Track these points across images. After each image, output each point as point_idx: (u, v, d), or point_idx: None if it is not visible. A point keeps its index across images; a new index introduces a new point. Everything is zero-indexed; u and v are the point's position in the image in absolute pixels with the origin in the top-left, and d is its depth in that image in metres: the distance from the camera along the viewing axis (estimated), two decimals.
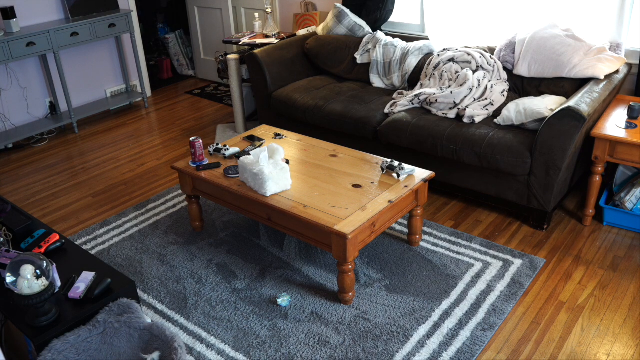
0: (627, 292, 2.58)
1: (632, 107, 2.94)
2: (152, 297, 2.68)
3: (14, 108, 4.61)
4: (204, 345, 2.37)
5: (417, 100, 3.45)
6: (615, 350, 2.26)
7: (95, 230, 3.26)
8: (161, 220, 3.32)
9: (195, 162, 2.94)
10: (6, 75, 4.47)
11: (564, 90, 3.26)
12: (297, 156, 2.99)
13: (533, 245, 2.95)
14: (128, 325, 1.99)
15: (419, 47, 3.86)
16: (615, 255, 2.84)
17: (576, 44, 3.25)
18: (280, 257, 2.92)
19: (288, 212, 2.47)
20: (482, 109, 3.24)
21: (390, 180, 2.67)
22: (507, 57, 3.49)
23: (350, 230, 2.30)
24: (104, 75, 5.19)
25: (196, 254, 2.98)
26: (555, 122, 2.76)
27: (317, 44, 4.20)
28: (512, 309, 2.49)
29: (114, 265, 2.93)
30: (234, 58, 4.29)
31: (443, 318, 2.45)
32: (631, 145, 2.79)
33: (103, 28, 4.72)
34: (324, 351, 2.30)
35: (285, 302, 2.58)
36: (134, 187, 3.79)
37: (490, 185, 3.11)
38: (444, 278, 2.70)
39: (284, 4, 5.00)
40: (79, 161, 4.23)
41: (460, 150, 3.05)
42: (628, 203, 2.97)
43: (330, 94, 3.80)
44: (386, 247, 2.96)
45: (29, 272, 1.84)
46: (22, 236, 2.41)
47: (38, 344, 1.88)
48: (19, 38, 4.16)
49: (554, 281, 2.67)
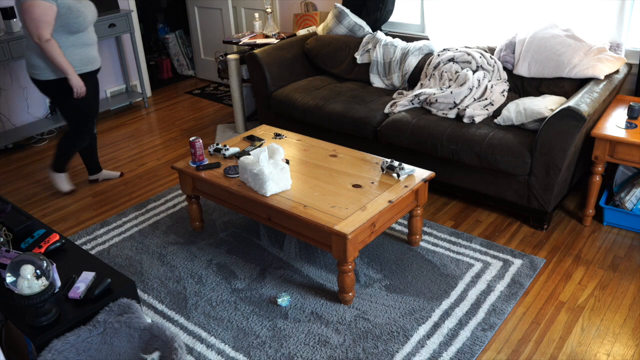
0: (627, 292, 2.58)
1: (632, 107, 2.94)
2: (152, 297, 2.68)
3: (14, 108, 4.61)
4: (204, 345, 2.37)
5: (417, 100, 3.45)
6: (615, 350, 2.26)
7: (95, 230, 3.26)
8: (161, 220, 3.32)
9: (195, 162, 2.94)
10: (6, 75, 4.47)
11: (564, 90, 3.26)
12: (297, 156, 2.99)
13: (533, 245, 2.95)
14: (128, 325, 1.99)
15: (419, 47, 3.86)
16: (615, 255, 2.84)
17: (576, 44, 3.25)
18: (280, 257, 2.92)
19: (288, 212, 2.47)
20: (482, 109, 3.24)
21: (390, 180, 2.67)
22: (507, 57, 3.49)
23: (350, 230, 2.30)
24: (103, 75, 5.19)
25: (196, 254, 2.98)
26: (555, 122, 2.76)
27: (317, 44, 4.20)
28: (512, 309, 2.49)
29: (114, 265, 2.93)
30: (234, 58, 4.29)
31: (443, 318, 2.45)
32: (631, 145, 2.79)
33: (103, 28, 4.72)
34: (324, 351, 2.30)
35: (285, 302, 2.58)
36: (134, 187, 3.79)
37: (490, 185, 3.11)
38: (444, 278, 2.70)
39: (284, 4, 5.00)
40: (79, 161, 4.23)
41: (460, 150, 3.05)
42: (628, 203, 2.97)
43: (330, 94, 3.80)
44: (386, 247, 2.96)
45: (29, 272, 1.84)
46: (22, 236, 2.41)
47: (38, 344, 1.88)
48: (19, 38, 4.16)
49: (554, 281, 2.67)
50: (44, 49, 3.00)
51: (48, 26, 2.93)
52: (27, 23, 2.94)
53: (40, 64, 3.12)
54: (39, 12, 2.88)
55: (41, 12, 2.89)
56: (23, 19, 2.95)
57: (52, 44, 2.97)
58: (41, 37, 2.93)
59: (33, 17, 2.88)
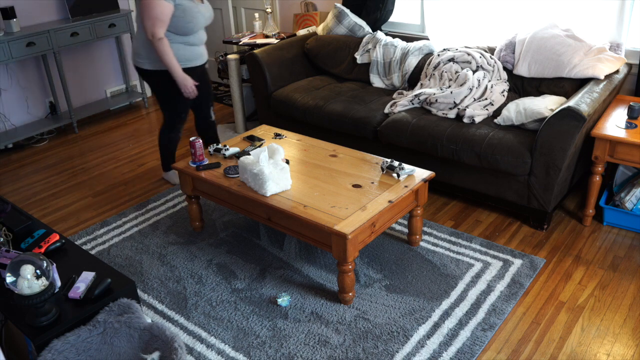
0: (627, 292, 2.58)
1: (632, 107, 2.94)
2: (152, 297, 2.68)
3: (14, 108, 4.61)
4: (204, 345, 2.37)
5: (417, 100, 3.45)
6: (615, 350, 2.26)
7: (95, 230, 3.26)
8: (161, 220, 3.32)
9: (195, 162, 2.94)
10: (6, 75, 4.47)
11: (564, 90, 3.26)
12: (297, 156, 2.99)
13: (533, 245, 2.95)
14: (128, 325, 1.99)
15: (419, 47, 3.86)
16: (615, 255, 2.84)
17: (576, 44, 3.25)
18: (280, 257, 2.92)
19: (288, 212, 2.47)
20: (482, 109, 3.24)
21: (390, 180, 2.67)
22: (507, 57, 3.49)
23: (350, 230, 2.30)
24: (104, 75, 5.20)
25: (196, 254, 2.98)
26: (555, 122, 2.76)
27: (317, 44, 4.20)
28: (512, 309, 2.49)
29: (114, 265, 2.93)
30: (234, 58, 4.29)
31: (443, 318, 2.45)
32: (631, 145, 2.79)
33: (103, 28, 4.73)
34: (324, 351, 2.30)
35: (285, 302, 2.58)
36: (134, 187, 3.79)
37: (490, 185, 3.11)
38: (444, 278, 2.70)
39: (284, 4, 5.00)
40: (79, 161, 4.24)
41: (460, 150, 3.05)
42: (628, 203, 2.97)
43: (330, 94, 3.80)
44: (386, 247, 2.96)
45: (29, 272, 1.84)
46: (22, 236, 2.41)
47: (38, 344, 1.88)
48: (19, 38, 4.16)
49: (554, 281, 2.67)
50: (155, 46, 3.08)
51: (163, 25, 3.01)
52: (143, 18, 3.02)
53: (143, 54, 3.21)
54: (157, 11, 2.95)
55: (159, 11, 2.96)
56: (141, 13, 3.04)
57: (164, 42, 3.05)
58: (155, 34, 3.01)
59: (151, 15, 2.95)
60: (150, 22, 2.98)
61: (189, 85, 3.18)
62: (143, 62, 3.27)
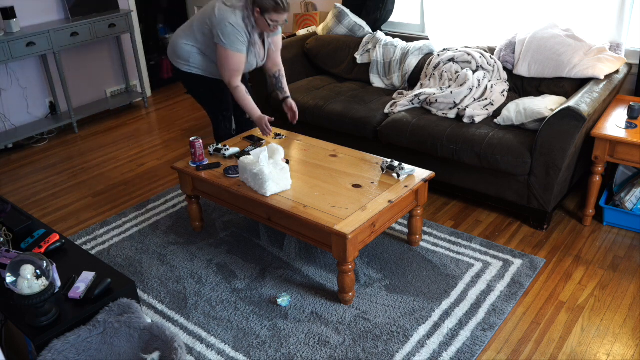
0: (627, 292, 2.58)
1: (632, 107, 2.94)
2: (152, 297, 2.68)
3: (14, 108, 4.60)
4: (204, 345, 2.37)
5: (417, 100, 3.45)
6: (615, 350, 2.26)
7: (95, 230, 3.26)
8: (161, 220, 3.32)
9: (195, 162, 2.94)
10: (6, 75, 4.47)
11: (564, 90, 3.26)
12: (297, 156, 2.99)
13: (533, 245, 2.95)
14: (128, 325, 1.99)
15: (419, 47, 3.86)
16: (615, 255, 2.84)
17: (576, 44, 3.25)
18: (280, 257, 2.92)
19: (288, 212, 2.47)
20: (482, 109, 3.24)
21: (390, 180, 2.67)
22: (507, 57, 3.49)
23: (350, 230, 2.30)
24: (104, 75, 5.19)
25: (196, 254, 2.98)
26: (555, 122, 2.76)
27: (317, 44, 4.20)
28: (512, 309, 2.49)
29: (114, 265, 2.93)
30: None
31: (443, 318, 2.45)
32: (631, 145, 2.79)
33: (103, 28, 4.72)
34: (324, 351, 2.30)
35: (285, 302, 2.58)
36: (134, 187, 3.79)
37: (490, 185, 3.11)
38: (444, 278, 2.70)
39: None
40: (79, 161, 4.24)
41: (460, 150, 3.05)
42: (628, 203, 2.97)
43: (330, 94, 3.80)
44: (386, 247, 2.96)
45: (29, 272, 1.84)
46: (22, 236, 2.41)
47: (38, 344, 1.88)
48: (19, 38, 4.16)
49: (554, 281, 2.67)
50: (232, 93, 3.18)
51: (239, 74, 3.12)
52: (221, 67, 3.10)
53: (184, 57, 3.24)
54: (234, 63, 3.05)
55: (237, 63, 3.06)
56: (217, 59, 3.10)
57: (240, 90, 3.15)
58: (231, 83, 3.12)
59: (229, 67, 3.06)
60: (228, 73, 3.08)
61: (263, 124, 3.22)
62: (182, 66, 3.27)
